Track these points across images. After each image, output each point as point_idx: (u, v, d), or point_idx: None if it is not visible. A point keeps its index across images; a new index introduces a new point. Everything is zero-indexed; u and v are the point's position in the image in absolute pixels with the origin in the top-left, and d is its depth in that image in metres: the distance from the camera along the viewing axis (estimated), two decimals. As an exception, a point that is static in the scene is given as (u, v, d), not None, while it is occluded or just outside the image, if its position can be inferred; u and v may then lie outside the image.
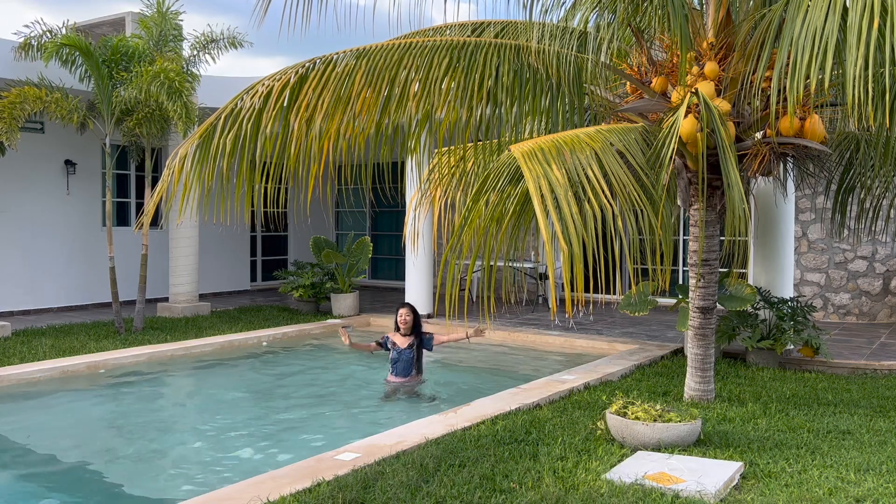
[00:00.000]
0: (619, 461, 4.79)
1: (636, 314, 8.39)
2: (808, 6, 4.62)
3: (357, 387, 7.97)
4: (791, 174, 7.82)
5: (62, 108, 9.58)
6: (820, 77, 4.78)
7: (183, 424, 6.65)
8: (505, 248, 5.00)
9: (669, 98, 6.15)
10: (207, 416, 6.80)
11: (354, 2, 5.65)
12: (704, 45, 6.06)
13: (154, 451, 5.72)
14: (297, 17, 5.98)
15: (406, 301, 7.64)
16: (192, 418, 6.83)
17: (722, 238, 6.59)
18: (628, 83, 6.63)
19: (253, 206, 5.99)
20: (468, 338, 7.42)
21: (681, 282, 13.26)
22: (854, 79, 4.16)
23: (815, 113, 5.92)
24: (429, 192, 7.63)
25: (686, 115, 5.51)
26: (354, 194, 17.57)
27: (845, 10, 4.45)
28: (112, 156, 10.19)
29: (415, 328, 7.45)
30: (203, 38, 10.80)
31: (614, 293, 13.67)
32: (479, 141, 6.81)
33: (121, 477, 5.12)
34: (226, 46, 10.90)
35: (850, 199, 7.53)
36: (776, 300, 8.25)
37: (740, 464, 4.69)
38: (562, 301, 11.47)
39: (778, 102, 5.43)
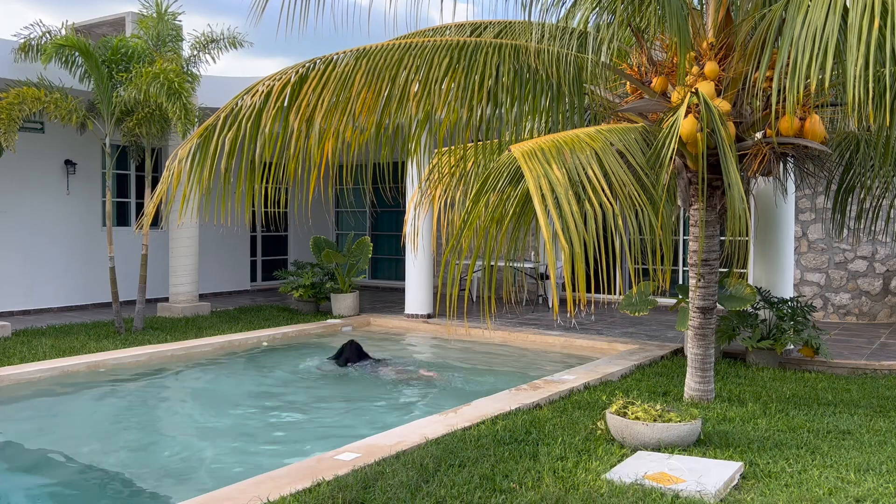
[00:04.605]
0: (619, 461, 4.79)
1: (636, 314, 8.39)
2: (809, 6, 4.62)
3: (356, 386, 7.97)
4: (791, 174, 7.82)
5: (61, 108, 9.57)
6: (820, 77, 4.78)
7: (182, 424, 6.65)
8: (505, 249, 5.00)
9: (669, 98, 6.15)
10: (207, 415, 6.80)
11: (353, 1, 5.63)
12: (704, 45, 6.06)
13: (154, 451, 5.73)
14: (296, 17, 5.97)
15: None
16: (192, 418, 6.82)
17: (722, 238, 6.60)
18: (628, 83, 6.63)
19: (253, 206, 5.98)
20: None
21: (681, 282, 13.26)
22: (854, 79, 4.16)
23: (815, 113, 5.92)
24: (429, 192, 7.62)
25: (686, 115, 5.51)
26: (355, 194, 17.57)
27: (846, 10, 4.44)
28: (112, 156, 10.19)
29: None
30: (203, 39, 10.79)
31: (614, 293, 13.67)
32: (480, 141, 6.81)
33: (121, 476, 5.12)
34: (226, 46, 10.90)
35: (850, 199, 7.53)
36: (776, 300, 8.25)
37: (740, 464, 4.69)
38: (563, 301, 11.50)
39: (778, 102, 5.43)
